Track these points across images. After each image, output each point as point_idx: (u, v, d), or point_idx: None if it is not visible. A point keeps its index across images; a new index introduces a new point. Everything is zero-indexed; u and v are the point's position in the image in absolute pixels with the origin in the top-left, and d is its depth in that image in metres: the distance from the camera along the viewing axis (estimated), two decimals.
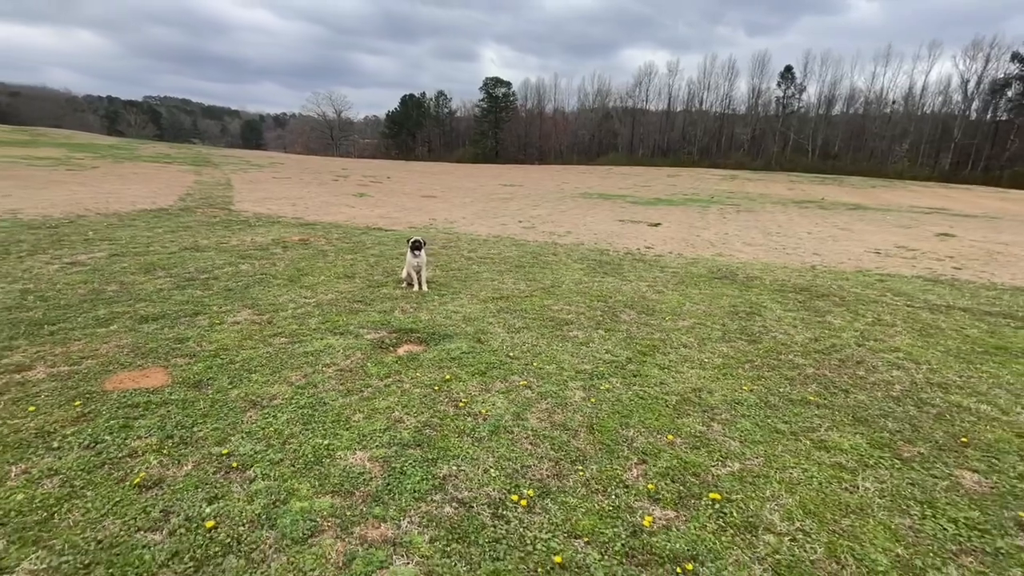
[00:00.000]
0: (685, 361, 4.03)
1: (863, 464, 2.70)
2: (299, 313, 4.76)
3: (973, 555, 2.09)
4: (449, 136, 79.17)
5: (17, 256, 6.27)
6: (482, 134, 76.18)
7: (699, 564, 1.97)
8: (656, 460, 2.66)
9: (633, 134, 77.10)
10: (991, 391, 3.68)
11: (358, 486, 2.34)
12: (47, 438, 2.61)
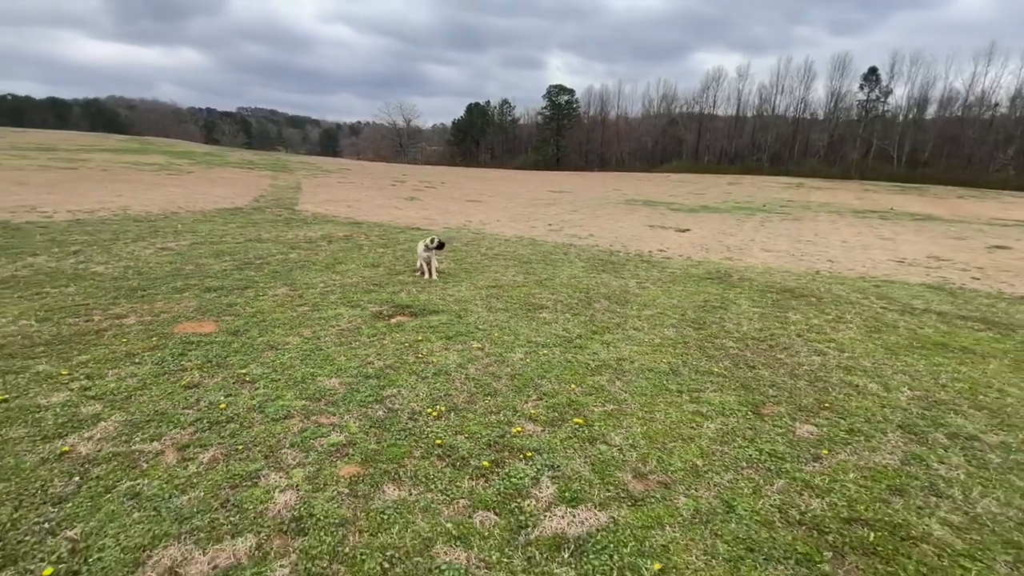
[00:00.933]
0: (628, 339, 4.76)
1: (720, 414, 3.37)
2: (324, 291, 5.92)
3: (756, 469, 2.76)
4: (512, 143, 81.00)
5: (123, 242, 7.98)
6: (543, 141, 77.34)
7: (538, 454, 2.80)
8: (550, 399, 3.47)
9: (699, 140, 75.34)
10: (892, 376, 4.13)
11: (324, 396, 3.36)
12: (132, 357, 3.84)
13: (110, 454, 2.62)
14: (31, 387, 3.28)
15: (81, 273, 6.09)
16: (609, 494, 2.48)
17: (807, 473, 2.73)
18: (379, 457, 2.70)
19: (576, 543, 2.15)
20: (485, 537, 2.16)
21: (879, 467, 2.81)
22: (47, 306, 4.85)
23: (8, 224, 8.76)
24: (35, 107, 75.38)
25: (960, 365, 4.40)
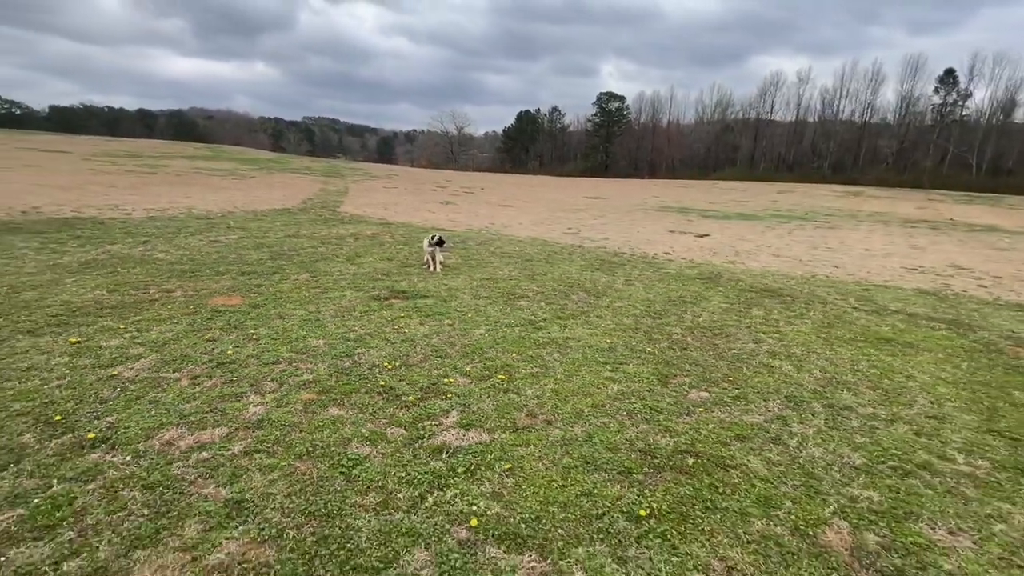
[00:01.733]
0: (586, 324, 5.39)
1: (628, 380, 3.97)
2: (338, 278, 6.90)
3: (631, 417, 3.36)
4: (561, 150, 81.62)
5: (183, 235, 9.38)
6: (593, 148, 77.48)
7: (456, 396, 3.53)
8: (489, 362, 4.20)
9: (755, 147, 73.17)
10: (813, 361, 4.55)
11: (308, 351, 4.24)
12: (172, 319, 4.89)
13: (144, 378, 3.59)
14: (96, 335, 4.37)
15: (146, 258, 7.40)
16: (499, 424, 3.19)
17: (673, 423, 3.32)
18: (332, 391, 3.53)
19: (455, 449, 2.88)
20: (390, 442, 2.93)
21: (740, 422, 3.35)
22: (116, 281, 6.08)
23: (96, 219, 10.43)
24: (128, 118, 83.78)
25: (889, 356, 4.74)
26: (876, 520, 2.42)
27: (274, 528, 2.19)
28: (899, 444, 3.14)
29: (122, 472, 2.52)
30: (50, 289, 5.58)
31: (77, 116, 77.68)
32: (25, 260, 6.84)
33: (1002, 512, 2.52)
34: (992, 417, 3.58)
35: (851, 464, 2.89)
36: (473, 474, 2.65)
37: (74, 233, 8.85)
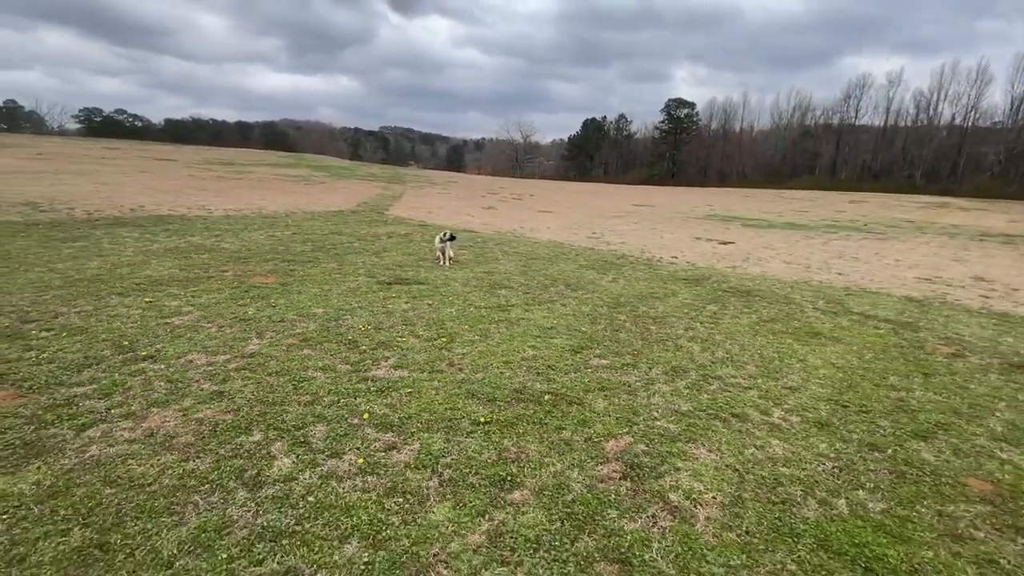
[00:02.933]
0: (547, 310, 6.34)
1: (547, 349, 4.90)
2: (359, 267, 8.28)
3: (527, 370, 4.31)
4: (626, 158, 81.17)
5: (249, 231, 11.27)
6: (659, 156, 76.48)
7: (401, 350, 4.65)
8: (442, 331, 5.28)
9: (837, 154, 69.23)
10: (723, 345, 5.23)
11: (307, 316, 5.54)
12: (219, 290, 6.40)
13: (186, 325, 5.02)
14: (163, 298, 5.93)
15: (214, 247, 9.19)
16: (421, 369, 4.27)
17: (557, 376, 4.24)
18: (311, 340, 4.78)
19: (379, 379, 4.00)
20: (336, 372, 4.10)
21: (613, 380, 4.21)
22: (187, 263, 7.80)
23: (184, 216, 12.66)
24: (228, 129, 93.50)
25: (801, 345, 5.31)
26: (654, 439, 3.26)
27: (236, 406, 3.42)
28: (733, 401, 3.88)
29: (157, 374, 3.87)
30: (139, 267, 7.35)
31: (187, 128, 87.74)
32: (126, 246, 8.81)
33: (766, 446, 3.26)
34: (845, 392, 4.17)
35: (675, 409, 3.70)
36: (382, 392, 3.75)
37: (165, 227, 10.97)
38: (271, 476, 2.70)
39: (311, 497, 2.55)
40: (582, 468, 2.90)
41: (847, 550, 2.35)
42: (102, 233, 9.83)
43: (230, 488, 2.58)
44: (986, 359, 5.14)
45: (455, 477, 2.76)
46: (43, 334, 4.53)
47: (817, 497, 2.74)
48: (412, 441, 3.11)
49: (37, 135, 62.97)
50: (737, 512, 2.58)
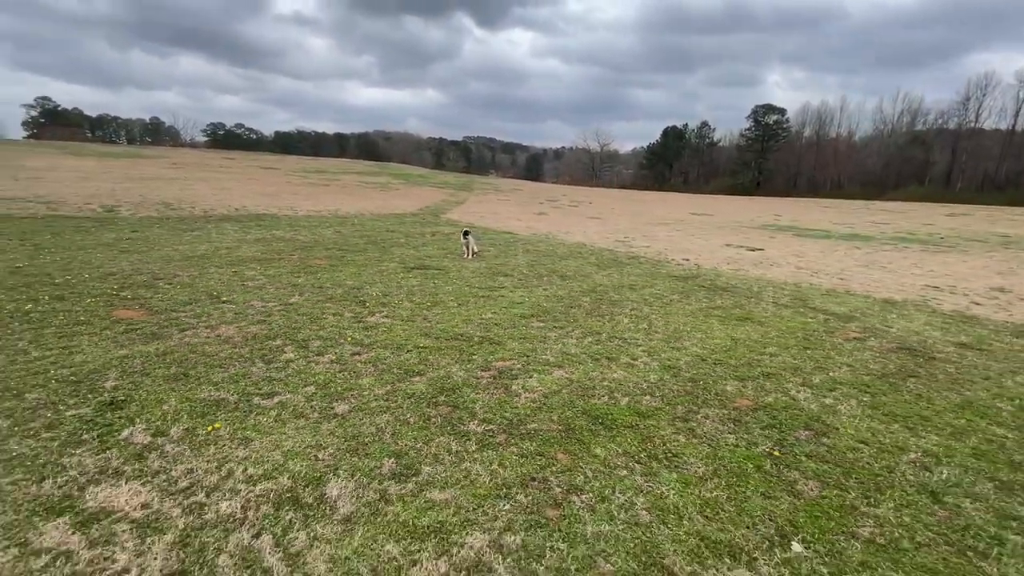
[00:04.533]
0: (529, 291, 7.88)
1: (504, 314, 6.46)
2: (396, 257, 10.29)
3: (479, 326, 5.91)
4: (708, 167, 79.19)
5: (321, 228, 13.80)
6: (744, 164, 73.96)
7: (393, 308, 6.45)
8: (432, 300, 7.02)
9: (953, 162, 63.40)
10: (651, 320, 6.48)
11: (339, 285, 7.53)
12: (282, 268, 8.62)
13: (255, 286, 7.17)
14: (244, 270, 8.21)
15: (290, 239, 11.66)
16: (403, 319, 6.02)
17: (495, 329, 5.79)
18: (333, 298, 6.71)
19: (368, 323, 5.80)
20: (342, 316, 5.96)
21: (535, 334, 5.69)
22: (267, 249, 10.22)
23: (274, 216, 15.57)
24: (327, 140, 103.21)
25: (722, 325, 6.42)
26: (532, 363, 4.73)
27: (270, 327, 5.36)
28: (615, 351, 5.23)
29: (228, 309, 5.94)
30: (233, 250, 9.85)
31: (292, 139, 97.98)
32: (227, 236, 11.50)
33: (610, 373, 4.62)
34: (717, 352, 5.33)
35: (564, 351, 5.13)
36: (366, 329, 5.55)
37: (258, 223, 13.78)
38: (279, 359, 4.55)
39: (297, 368, 4.36)
40: (468, 371, 4.48)
41: (602, 419, 3.73)
42: (212, 226, 12.73)
43: (255, 361, 4.46)
44: (883, 343, 5.97)
45: (385, 369, 4.46)
46: (165, 286, 6.86)
47: (611, 396, 4.11)
48: (370, 351, 4.85)
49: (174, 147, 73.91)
50: (550, 394, 4.04)
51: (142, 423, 3.30)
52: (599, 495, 2.78)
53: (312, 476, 2.84)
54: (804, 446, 3.43)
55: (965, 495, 2.94)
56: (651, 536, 2.48)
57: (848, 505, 2.79)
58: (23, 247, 8.80)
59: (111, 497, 2.56)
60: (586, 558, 2.32)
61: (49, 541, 2.25)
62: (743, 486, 2.93)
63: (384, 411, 3.67)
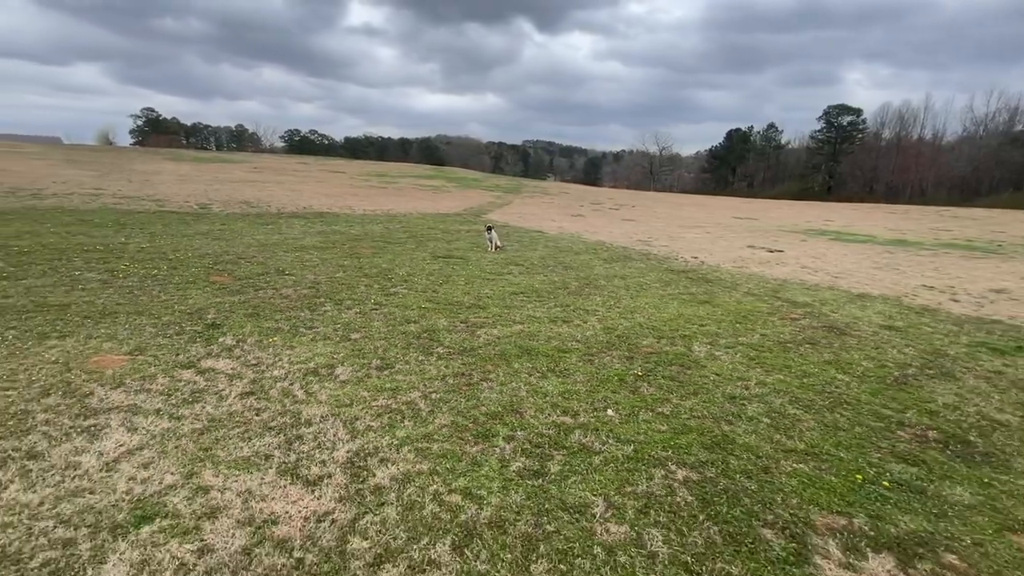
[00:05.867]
0: (531, 277, 9.50)
1: (498, 290, 8.13)
2: (429, 249, 12.21)
3: (475, 296, 7.62)
4: (774, 170, 76.81)
5: (370, 224, 16.06)
6: (813, 168, 71.32)
7: (414, 281, 8.29)
8: (442, 279, 8.81)
9: None
10: (619, 298, 7.92)
11: (375, 267, 9.49)
12: (334, 253, 10.75)
13: (311, 265, 9.26)
14: (304, 255, 10.38)
15: (344, 232, 13.91)
16: (416, 291, 7.83)
17: (486, 300, 7.48)
18: (368, 275, 8.65)
19: (390, 291, 7.66)
20: (372, 287, 7.86)
21: (515, 305, 7.32)
22: (325, 240, 12.45)
23: (335, 214, 18.06)
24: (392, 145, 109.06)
25: (679, 305, 7.75)
26: (500, 321, 6.37)
27: (318, 291, 7.32)
28: (572, 316, 6.75)
29: (289, 279, 8.00)
30: (298, 239, 12.14)
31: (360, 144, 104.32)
32: (294, 230, 13.92)
33: (555, 328, 6.17)
34: (655, 321, 6.72)
35: (531, 315, 6.72)
36: (387, 295, 7.39)
37: (321, 219, 16.25)
38: (320, 309, 6.46)
39: (331, 315, 6.24)
40: (450, 322, 6.20)
41: (530, 352, 5.31)
42: (283, 222, 15.27)
43: (303, 310, 6.40)
44: (813, 322, 7.10)
45: (391, 318, 6.26)
46: (245, 263, 9.07)
47: (547, 341, 5.66)
48: (384, 309, 6.68)
49: (256, 152, 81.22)
50: (503, 338, 5.67)
51: (230, 335, 5.26)
52: (500, 383, 4.41)
53: (328, 364, 4.65)
54: (666, 372, 4.87)
55: (755, 399, 4.30)
56: (520, 399, 4.08)
57: (664, 399, 4.24)
58: (143, 234, 11.47)
59: (214, 364, 4.49)
60: (474, 405, 3.96)
61: (184, 377, 4.18)
62: (601, 387, 4.45)
63: (382, 339, 5.46)
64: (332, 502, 2.72)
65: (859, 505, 2.89)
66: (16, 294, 6.15)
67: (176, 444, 3.19)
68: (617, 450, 3.38)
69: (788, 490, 3.00)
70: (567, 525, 2.63)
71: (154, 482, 2.80)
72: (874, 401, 4.42)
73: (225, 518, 2.55)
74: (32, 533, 2.37)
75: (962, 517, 2.84)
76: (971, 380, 5.06)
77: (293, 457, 3.13)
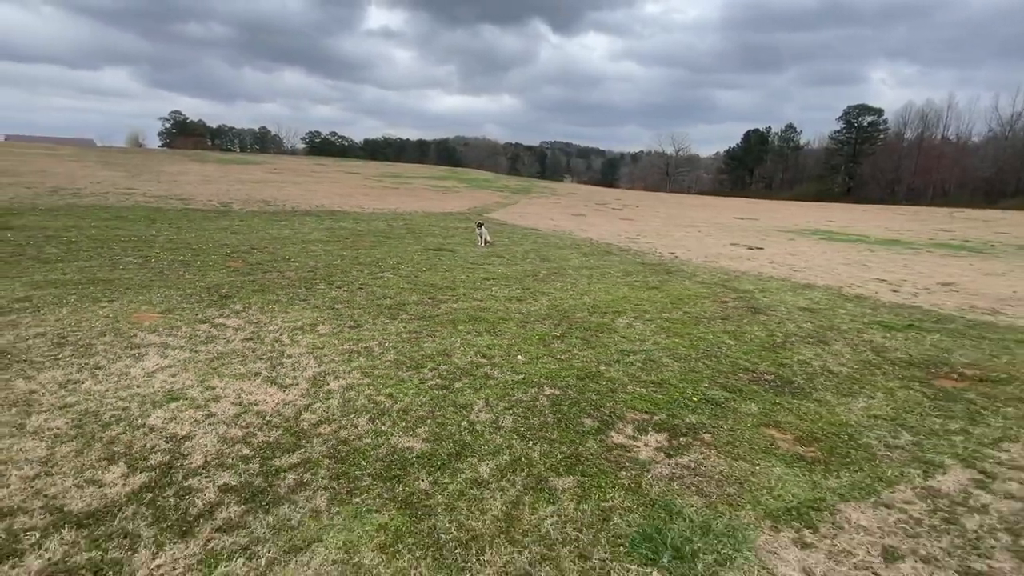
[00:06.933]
0: (507, 266, 10.77)
1: (471, 276, 9.43)
2: (424, 243, 13.59)
3: (450, 280, 8.93)
4: (793, 172, 76.56)
5: (376, 221, 17.52)
6: (832, 169, 71.01)
7: (402, 267, 9.65)
8: (429, 267, 10.14)
9: None
10: (579, 283, 9.13)
11: (370, 256, 10.89)
12: (339, 246, 12.19)
13: (316, 255, 10.69)
14: (309, 246, 11.83)
15: (350, 228, 15.37)
16: (400, 277, 9.18)
17: (459, 285, 8.78)
18: (362, 263, 10.03)
19: (378, 276, 9.03)
20: (363, 272, 9.24)
21: (481, 288, 8.60)
22: (331, 235, 13.92)
23: (345, 212, 19.60)
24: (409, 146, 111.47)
25: (628, 289, 8.94)
26: (461, 299, 7.67)
27: (317, 273, 8.73)
28: (526, 297, 8.00)
29: (293, 264, 9.42)
30: (308, 234, 13.64)
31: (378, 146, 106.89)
32: (305, 226, 15.45)
33: (507, 304, 7.43)
34: (600, 301, 7.93)
35: (491, 295, 8.00)
36: (374, 278, 8.75)
37: (331, 217, 17.79)
38: (314, 288, 7.84)
39: (322, 292, 7.61)
40: (420, 299, 7.51)
41: (476, 319, 6.57)
42: (296, 219, 16.84)
43: (300, 287, 7.79)
44: (739, 304, 8.21)
45: (372, 295, 7.60)
46: (257, 252, 10.54)
47: (495, 313, 6.92)
48: (368, 289, 8.03)
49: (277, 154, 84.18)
50: (459, 310, 6.95)
51: (239, 303, 6.67)
52: (442, 338, 5.70)
53: (312, 323, 6.01)
54: (581, 335, 6.10)
55: (640, 352, 5.49)
56: (452, 348, 5.36)
57: (567, 351, 5.48)
58: (170, 228, 13.08)
59: (224, 321, 5.88)
60: (416, 350, 5.26)
61: (202, 328, 5.57)
62: (522, 343, 5.70)
63: (360, 308, 6.80)
64: (296, 396, 4.05)
65: (664, 410, 4.10)
66: (72, 272, 7.68)
67: (194, 365, 4.56)
68: (510, 378, 4.65)
69: (618, 400, 4.23)
70: (451, 413, 3.91)
71: (178, 383, 4.17)
72: (742, 358, 5.59)
73: (224, 401, 3.90)
74: (103, 403, 3.75)
75: (736, 418, 4.03)
76: (837, 345, 6.18)
77: (274, 374, 4.47)
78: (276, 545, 2.45)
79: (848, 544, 2.64)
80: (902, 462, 3.52)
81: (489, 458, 3.30)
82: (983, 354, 6.06)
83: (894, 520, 2.86)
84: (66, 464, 3.01)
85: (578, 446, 3.50)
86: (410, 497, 2.86)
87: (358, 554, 2.41)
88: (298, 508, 2.72)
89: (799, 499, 2.98)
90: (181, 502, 2.72)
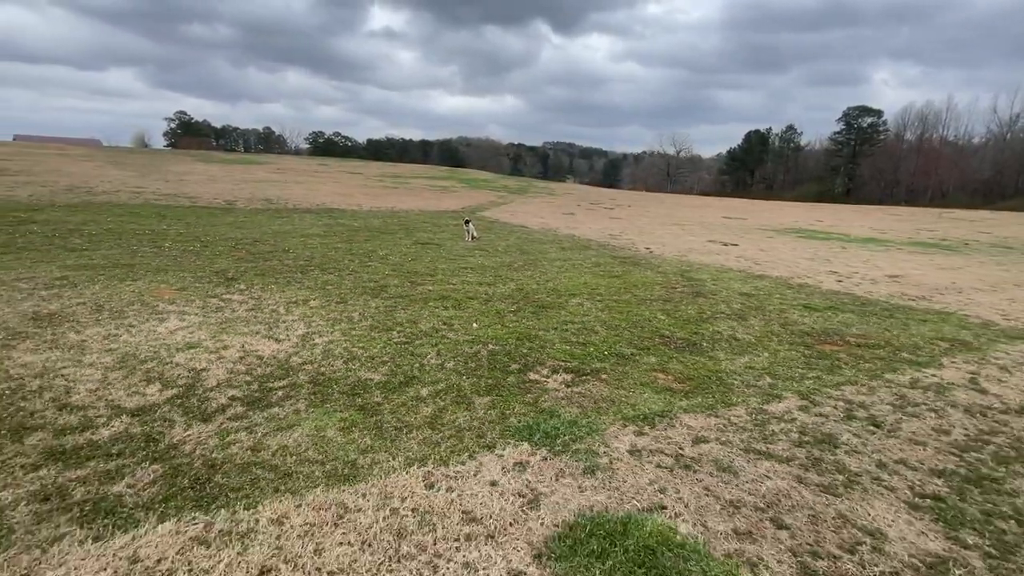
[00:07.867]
0: (487, 258, 11.90)
1: (451, 266, 10.56)
2: (415, 237, 14.74)
3: (430, 267, 10.07)
4: (794, 173, 77.37)
5: (372, 218, 18.70)
6: (832, 170, 71.81)
7: (390, 258, 10.80)
8: (416, 258, 11.29)
9: None
10: (547, 272, 10.25)
11: (363, 248, 12.04)
12: (336, 239, 13.35)
13: (313, 247, 11.86)
14: (307, 240, 13.00)
15: (347, 225, 16.54)
16: (388, 266, 10.32)
17: (438, 272, 9.91)
18: (356, 254, 11.19)
19: (368, 263, 10.18)
20: (355, 261, 10.39)
21: (457, 276, 9.73)
22: (329, 230, 15.08)
23: (343, 210, 20.78)
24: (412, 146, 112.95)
25: (591, 276, 10.04)
26: (438, 283, 8.80)
27: (313, 263, 9.89)
28: (496, 282, 9.12)
29: (292, 255, 10.58)
30: (307, 229, 14.81)
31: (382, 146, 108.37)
32: (304, 222, 16.63)
33: (479, 289, 8.55)
34: (560, 285, 9.03)
35: (464, 280, 9.13)
36: (364, 267, 9.90)
37: (330, 214, 18.98)
38: (309, 274, 8.99)
39: (315, 277, 8.76)
40: (400, 283, 8.65)
41: (446, 298, 7.70)
42: (297, 216, 18.04)
43: (297, 273, 8.94)
44: (686, 289, 9.30)
45: (359, 280, 8.74)
46: (260, 245, 11.71)
47: (463, 294, 8.04)
48: (357, 275, 9.17)
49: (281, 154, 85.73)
50: (434, 292, 8.08)
51: (243, 284, 7.83)
52: (414, 311, 6.84)
53: (304, 299, 7.16)
54: (533, 310, 7.21)
55: (578, 322, 6.59)
56: (420, 318, 6.49)
57: (517, 321, 6.59)
58: (180, 223, 14.29)
59: (231, 297, 7.04)
60: (390, 318, 6.39)
61: (212, 301, 6.73)
62: (481, 316, 6.82)
63: (347, 289, 7.95)
64: (288, 347, 5.19)
65: (579, 360, 5.22)
66: (97, 258, 8.88)
67: (207, 326, 5.72)
68: (462, 338, 5.78)
69: (544, 354, 5.35)
70: (408, 359, 5.04)
71: (195, 337, 5.32)
72: (665, 329, 6.69)
73: (231, 349, 5.05)
74: (138, 348, 4.91)
75: (634, 365, 5.14)
76: (753, 320, 7.27)
77: (271, 332, 5.62)
78: (268, 428, 3.59)
79: (672, 435, 3.75)
80: (750, 394, 4.62)
81: (430, 385, 4.43)
82: (877, 328, 7.14)
83: (716, 423, 3.97)
84: (117, 383, 4.16)
85: (500, 380, 4.62)
86: (366, 404, 3.99)
87: (325, 432, 3.55)
88: (285, 409, 3.86)
89: (652, 411, 4.10)
90: (202, 404, 3.87)
